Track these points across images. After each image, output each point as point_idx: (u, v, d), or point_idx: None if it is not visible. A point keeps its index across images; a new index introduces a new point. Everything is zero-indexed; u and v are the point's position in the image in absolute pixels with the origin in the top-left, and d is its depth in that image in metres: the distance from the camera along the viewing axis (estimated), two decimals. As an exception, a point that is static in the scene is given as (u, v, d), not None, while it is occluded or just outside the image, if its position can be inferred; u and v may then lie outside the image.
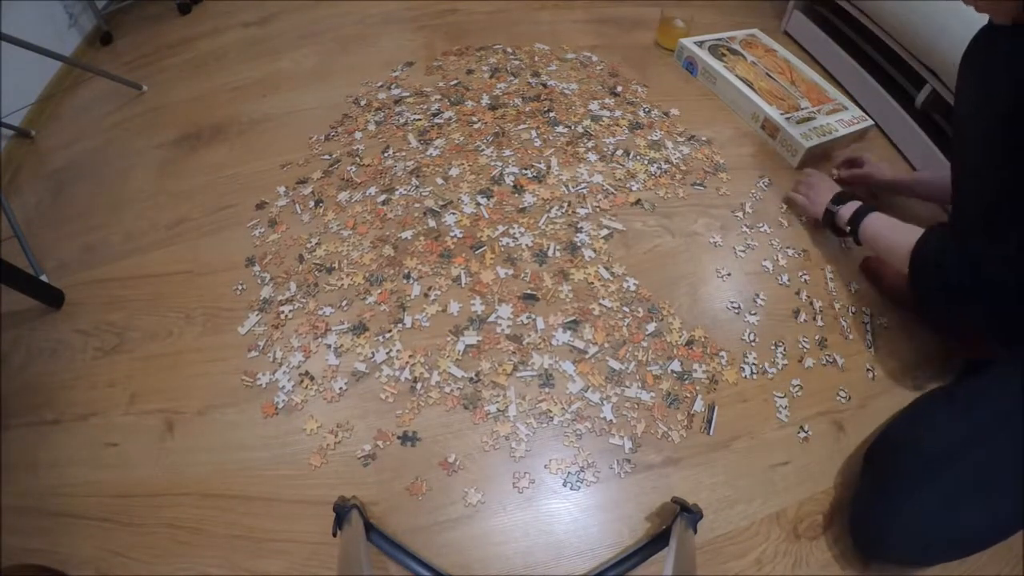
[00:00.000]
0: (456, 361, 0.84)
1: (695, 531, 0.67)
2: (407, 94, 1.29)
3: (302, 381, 0.83)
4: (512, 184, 1.08)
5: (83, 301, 0.97)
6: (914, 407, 0.79)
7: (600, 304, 0.91)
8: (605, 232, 1.01)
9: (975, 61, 0.72)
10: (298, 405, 0.81)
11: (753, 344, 0.89)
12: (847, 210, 0.91)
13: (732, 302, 0.94)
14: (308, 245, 0.99)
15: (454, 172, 1.10)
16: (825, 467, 0.79)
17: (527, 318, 0.89)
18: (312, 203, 1.06)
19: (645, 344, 0.87)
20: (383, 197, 1.06)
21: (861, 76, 1.33)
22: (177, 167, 1.18)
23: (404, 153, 1.15)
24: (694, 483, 0.76)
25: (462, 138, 1.17)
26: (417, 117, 1.22)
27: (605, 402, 0.81)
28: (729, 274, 0.98)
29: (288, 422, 0.80)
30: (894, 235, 0.81)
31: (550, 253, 0.97)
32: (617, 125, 1.22)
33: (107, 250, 1.04)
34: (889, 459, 0.71)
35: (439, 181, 1.09)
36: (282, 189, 1.10)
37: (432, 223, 1.01)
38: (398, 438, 0.78)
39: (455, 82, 1.32)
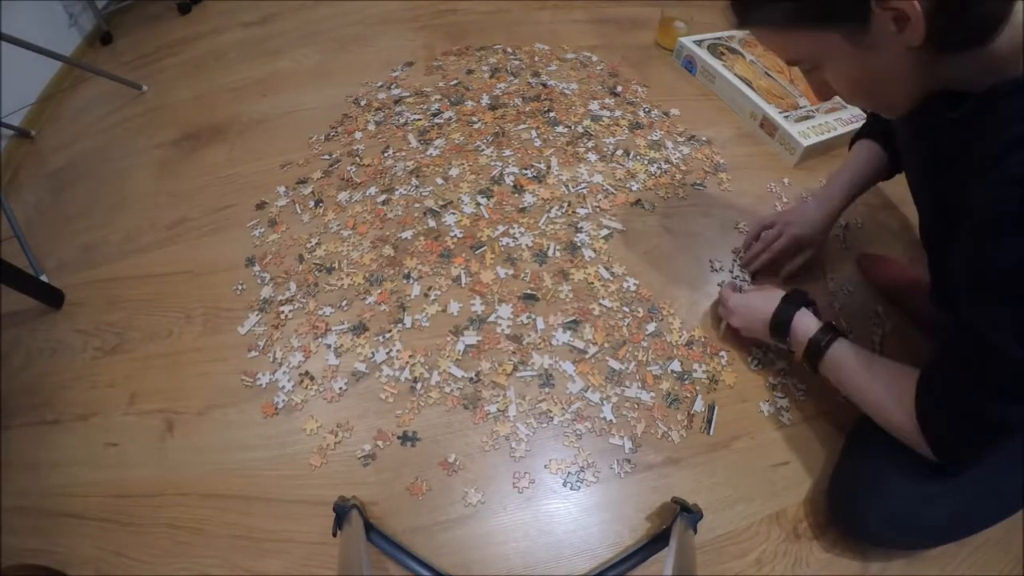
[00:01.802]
0: (456, 361, 0.84)
1: (695, 531, 0.67)
2: (407, 94, 1.29)
3: (302, 381, 0.83)
4: (512, 184, 1.08)
5: (83, 301, 0.97)
6: None
7: (600, 304, 0.91)
8: (605, 232, 1.01)
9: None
10: (298, 405, 0.81)
11: (753, 344, 0.89)
12: (800, 328, 0.72)
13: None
14: (308, 245, 0.99)
15: (454, 172, 1.10)
16: (825, 467, 0.79)
17: (527, 318, 0.89)
18: (312, 203, 1.06)
19: (645, 344, 0.87)
20: (383, 197, 1.06)
21: (861, 76, 1.33)
22: (177, 167, 1.18)
23: (404, 153, 1.15)
24: (694, 483, 0.76)
25: (462, 138, 1.17)
26: (417, 117, 1.22)
27: (605, 402, 0.81)
28: (730, 274, 0.98)
29: (288, 422, 0.80)
30: (872, 386, 0.65)
31: (550, 253, 0.97)
32: (617, 125, 1.22)
33: (107, 250, 1.04)
34: (868, 441, 0.71)
35: (439, 181, 1.08)
36: (282, 189, 1.10)
37: (432, 223, 1.01)
38: (398, 438, 0.78)
39: (455, 82, 1.32)
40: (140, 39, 1.58)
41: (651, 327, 0.89)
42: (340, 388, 0.82)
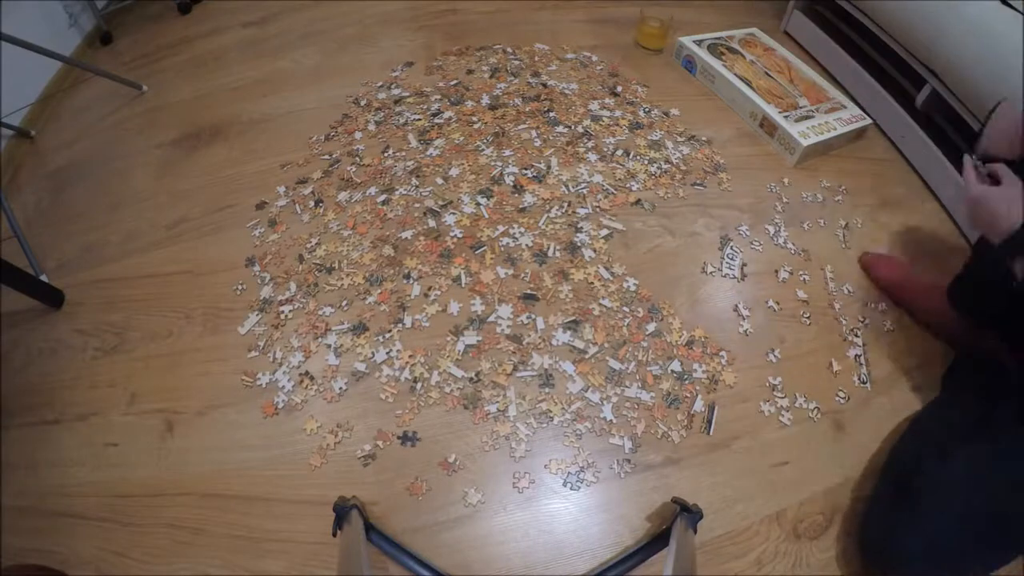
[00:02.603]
0: (456, 361, 0.84)
1: (695, 531, 0.67)
2: (407, 94, 1.29)
3: (302, 381, 0.83)
4: (512, 184, 1.08)
5: (83, 301, 0.97)
6: (923, 428, 0.77)
7: (600, 304, 0.91)
8: (605, 232, 1.01)
9: None
10: (298, 405, 0.81)
11: (753, 344, 0.89)
12: None
13: (732, 302, 0.94)
14: (308, 245, 0.99)
15: (454, 172, 1.10)
16: (825, 467, 0.79)
17: (527, 318, 0.89)
18: (312, 203, 1.06)
19: (645, 344, 0.87)
20: (383, 197, 1.06)
21: (861, 76, 1.33)
22: (177, 167, 1.18)
23: (404, 153, 1.15)
24: (694, 483, 0.76)
25: (462, 138, 1.17)
26: (417, 117, 1.22)
27: (605, 402, 0.81)
28: (729, 274, 0.98)
29: (288, 422, 0.80)
30: None
31: (550, 253, 0.97)
32: (617, 125, 1.22)
33: (107, 250, 1.04)
34: (905, 482, 0.70)
35: (439, 181, 1.08)
36: (282, 189, 1.10)
37: (432, 223, 1.01)
38: (398, 438, 0.78)
39: (455, 82, 1.32)
40: (140, 39, 1.58)
41: (651, 327, 0.89)
42: (340, 388, 0.82)
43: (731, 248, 1.01)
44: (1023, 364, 0.73)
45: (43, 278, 0.98)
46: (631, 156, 1.15)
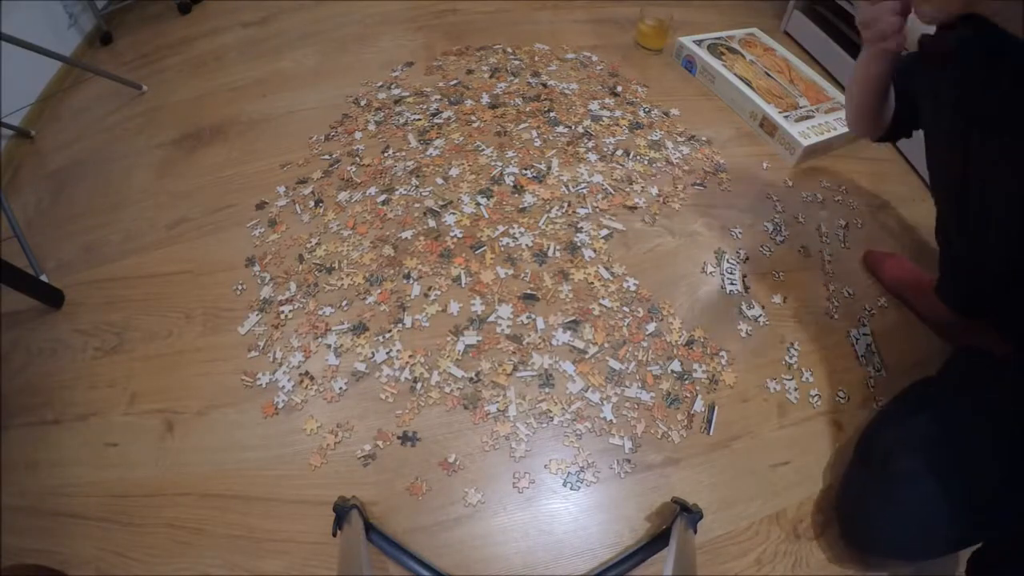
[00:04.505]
0: (456, 361, 0.84)
1: (695, 531, 0.67)
2: (407, 94, 1.29)
3: (302, 381, 0.83)
4: (512, 184, 1.08)
5: (83, 301, 0.97)
6: (903, 402, 0.78)
7: (600, 304, 0.91)
8: (605, 232, 1.01)
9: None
10: (298, 405, 0.81)
11: (753, 344, 0.89)
12: None
13: (732, 302, 0.94)
14: (308, 245, 0.99)
15: (454, 172, 1.10)
16: (825, 467, 0.79)
17: (527, 318, 0.89)
18: (312, 203, 1.06)
19: (645, 344, 0.87)
20: (383, 197, 1.06)
21: (861, 76, 1.33)
22: (177, 167, 1.18)
23: (404, 153, 1.15)
24: (694, 483, 0.76)
25: (462, 138, 1.17)
26: (417, 117, 1.22)
27: (605, 402, 0.81)
28: (733, 290, 0.98)
29: (288, 422, 0.80)
30: None
31: (550, 253, 0.97)
32: (617, 125, 1.22)
33: (107, 250, 1.04)
34: (881, 453, 0.71)
35: (439, 181, 1.08)
36: (282, 189, 1.10)
37: (432, 223, 1.01)
38: (398, 438, 0.78)
39: (455, 82, 1.32)
40: (140, 39, 1.58)
41: (651, 327, 0.89)
42: (340, 388, 0.82)
43: (727, 261, 1.00)
44: (1020, 357, 0.73)
45: (43, 278, 0.98)
46: (631, 156, 1.15)
